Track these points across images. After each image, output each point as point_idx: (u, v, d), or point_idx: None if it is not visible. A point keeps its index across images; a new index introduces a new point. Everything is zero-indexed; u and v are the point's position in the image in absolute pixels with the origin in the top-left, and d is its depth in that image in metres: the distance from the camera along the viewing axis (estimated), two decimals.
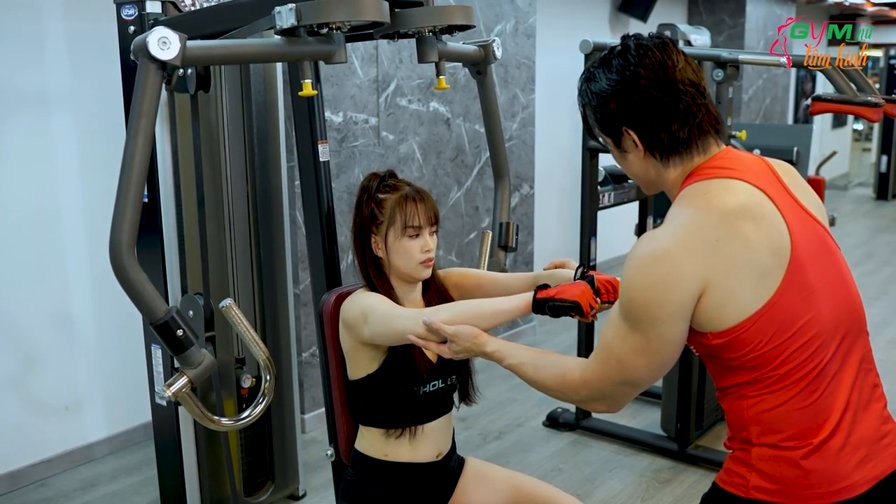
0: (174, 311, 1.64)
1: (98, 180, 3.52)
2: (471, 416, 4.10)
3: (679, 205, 1.48)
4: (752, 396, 1.45)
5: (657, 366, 1.46)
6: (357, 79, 3.98)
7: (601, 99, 1.52)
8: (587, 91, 1.55)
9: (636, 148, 1.52)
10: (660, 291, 1.39)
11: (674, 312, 1.40)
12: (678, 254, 1.39)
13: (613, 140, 1.56)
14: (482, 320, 1.76)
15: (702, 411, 3.79)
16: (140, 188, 1.60)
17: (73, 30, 3.45)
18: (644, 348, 1.43)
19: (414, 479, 2.04)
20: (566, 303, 1.69)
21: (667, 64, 1.47)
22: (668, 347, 1.44)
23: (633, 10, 6.93)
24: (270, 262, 3.09)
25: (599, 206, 3.85)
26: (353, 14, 1.67)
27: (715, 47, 7.21)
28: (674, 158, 1.51)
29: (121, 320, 3.60)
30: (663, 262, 1.39)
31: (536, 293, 1.74)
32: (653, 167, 1.54)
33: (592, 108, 1.55)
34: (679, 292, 1.38)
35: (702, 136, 1.50)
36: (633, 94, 1.48)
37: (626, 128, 1.51)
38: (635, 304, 1.42)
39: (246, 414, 1.95)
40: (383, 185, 2.00)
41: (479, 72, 2.38)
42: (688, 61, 1.50)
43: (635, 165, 1.56)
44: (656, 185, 1.58)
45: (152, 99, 1.60)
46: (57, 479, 3.56)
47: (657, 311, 1.40)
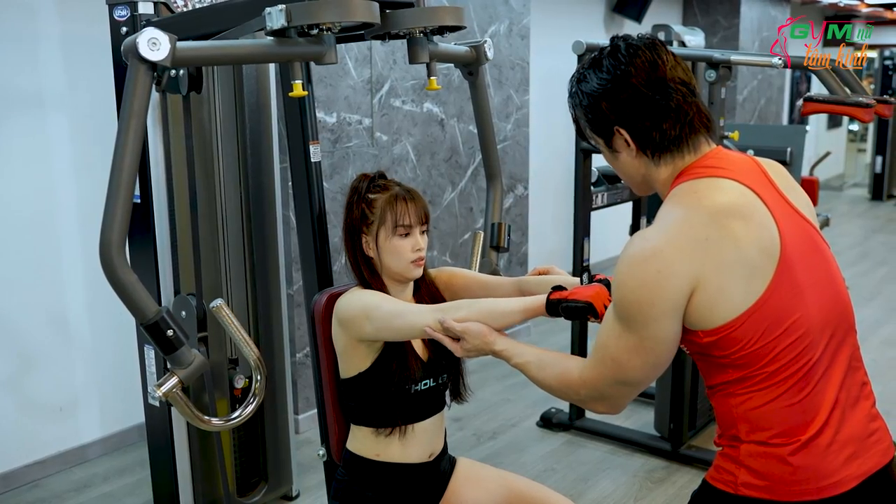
0: (164, 312, 1.65)
1: (93, 181, 3.51)
2: (464, 417, 4.11)
3: (669, 204, 1.48)
4: (742, 394, 1.45)
5: (651, 365, 1.47)
6: (351, 80, 3.99)
7: (592, 99, 1.52)
8: (578, 92, 1.56)
9: (628, 147, 1.53)
10: (651, 290, 1.40)
11: (666, 311, 1.40)
12: (669, 252, 1.39)
13: (605, 140, 1.56)
14: (496, 319, 1.77)
15: (695, 412, 3.80)
16: (130, 189, 1.61)
17: (67, 31, 3.45)
18: (637, 347, 1.44)
19: (405, 480, 2.05)
20: (580, 304, 1.69)
21: (657, 63, 1.48)
22: (662, 347, 1.44)
23: (628, 11, 6.94)
24: (263, 263, 3.10)
25: (593, 206, 3.86)
26: (343, 15, 1.68)
27: (709, 48, 7.24)
28: (665, 157, 1.52)
29: (115, 321, 3.60)
30: (654, 260, 1.40)
31: (550, 294, 1.73)
32: (644, 166, 1.54)
33: (584, 109, 1.55)
34: (670, 290, 1.39)
35: (693, 134, 1.51)
36: (623, 92, 1.48)
37: (617, 127, 1.51)
38: (627, 302, 1.43)
39: (236, 414, 1.95)
40: (373, 186, 2.01)
41: (470, 73, 2.38)
42: (677, 61, 1.51)
43: (627, 165, 1.57)
44: (648, 185, 1.59)
45: (142, 100, 1.61)
46: (51, 481, 3.56)
47: (649, 310, 1.40)
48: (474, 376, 4.63)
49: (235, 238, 2.99)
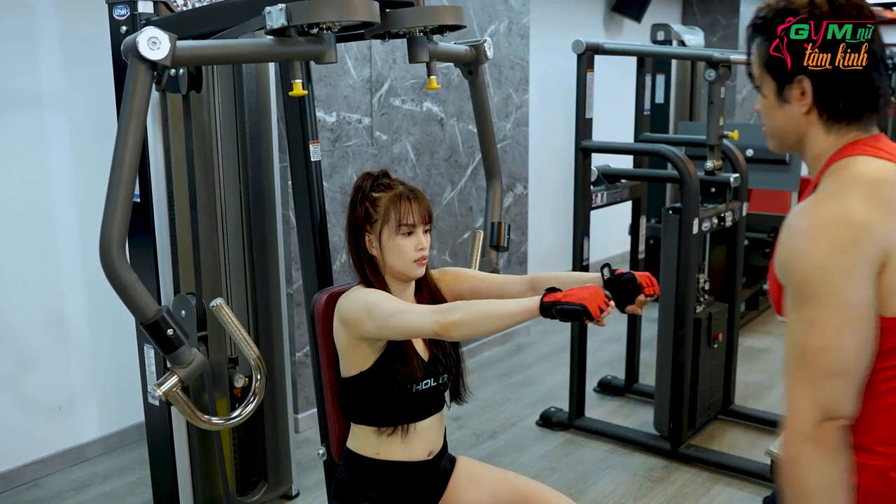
0: (164, 311, 1.65)
1: (91, 181, 3.52)
2: (464, 416, 4.11)
3: (842, 175, 1.38)
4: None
5: (862, 340, 1.31)
6: (350, 79, 3.98)
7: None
8: (774, 27, 1.42)
9: (801, 100, 1.41)
10: (850, 254, 1.29)
11: (867, 276, 1.29)
12: (861, 217, 1.30)
13: (778, 85, 1.43)
14: (492, 322, 1.75)
15: (694, 411, 3.80)
16: (130, 188, 1.61)
17: (66, 30, 3.45)
18: (845, 322, 1.30)
19: (405, 478, 2.05)
20: (573, 306, 1.64)
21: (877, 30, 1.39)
22: (872, 312, 1.31)
23: (628, 10, 6.94)
24: (263, 263, 3.09)
25: (592, 205, 3.86)
26: (343, 14, 1.68)
27: (708, 47, 7.24)
28: (839, 126, 1.41)
29: (114, 320, 3.60)
30: (846, 226, 1.29)
31: (544, 296, 1.70)
32: (807, 127, 1.43)
33: (770, 45, 1.42)
34: (868, 255, 1.29)
35: (872, 112, 1.42)
36: None
37: (804, 76, 1.39)
38: (822, 273, 1.30)
39: (236, 413, 1.95)
40: (377, 185, 2.01)
41: (470, 72, 2.38)
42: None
43: (787, 119, 1.44)
44: (798, 146, 1.47)
45: (142, 99, 1.61)
46: (50, 480, 3.56)
47: (848, 278, 1.29)
48: (474, 375, 4.63)
49: (235, 237, 2.99)
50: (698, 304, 3.77)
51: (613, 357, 4.84)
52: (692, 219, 3.48)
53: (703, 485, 3.46)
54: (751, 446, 3.76)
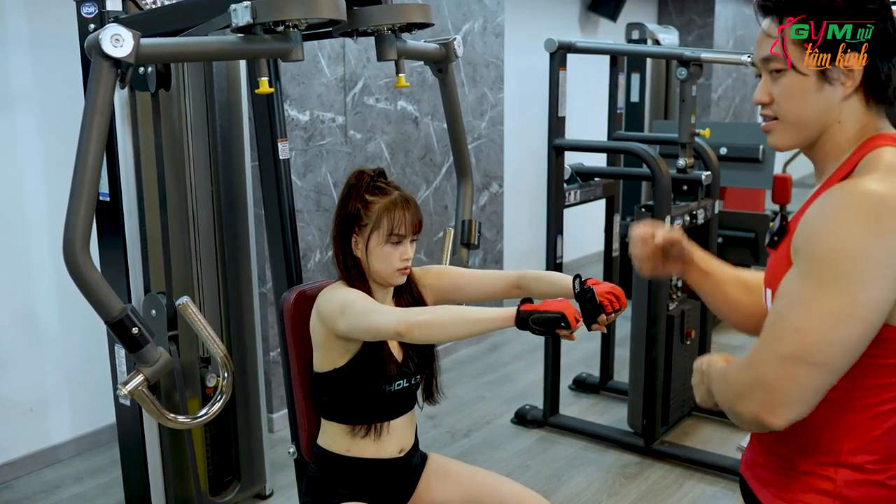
0: (129, 310, 1.64)
1: (62, 180, 3.43)
2: (439, 414, 4.11)
3: (876, 166, 1.25)
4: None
5: (854, 343, 1.19)
6: (324, 77, 3.98)
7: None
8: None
9: (844, 81, 1.29)
10: (887, 244, 1.16)
11: (893, 276, 1.17)
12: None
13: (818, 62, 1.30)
14: (459, 326, 1.74)
15: (668, 407, 3.83)
16: (94, 186, 1.60)
17: (35, 29, 3.41)
18: (844, 315, 1.17)
19: (376, 475, 2.05)
20: (552, 314, 1.62)
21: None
22: (878, 318, 1.18)
23: (603, 10, 6.96)
24: (235, 262, 3.08)
25: (566, 203, 3.87)
26: (308, 11, 1.67)
27: (683, 46, 7.28)
28: (877, 110, 1.32)
29: (85, 321, 3.55)
30: (891, 215, 1.16)
31: (520, 306, 1.68)
32: (840, 112, 1.31)
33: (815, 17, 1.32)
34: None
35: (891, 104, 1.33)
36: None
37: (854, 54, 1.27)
38: (847, 256, 1.17)
39: (203, 412, 1.94)
40: (372, 186, 2.00)
41: (440, 70, 2.38)
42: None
43: (823, 103, 1.31)
44: (814, 136, 1.35)
45: (105, 96, 1.60)
46: (21, 482, 3.52)
47: (874, 268, 1.16)
48: (449, 373, 4.63)
49: (207, 236, 2.97)
50: (671, 302, 3.79)
51: (588, 355, 4.86)
52: (664, 216, 3.50)
53: (676, 481, 3.49)
54: (723, 442, 3.79)
